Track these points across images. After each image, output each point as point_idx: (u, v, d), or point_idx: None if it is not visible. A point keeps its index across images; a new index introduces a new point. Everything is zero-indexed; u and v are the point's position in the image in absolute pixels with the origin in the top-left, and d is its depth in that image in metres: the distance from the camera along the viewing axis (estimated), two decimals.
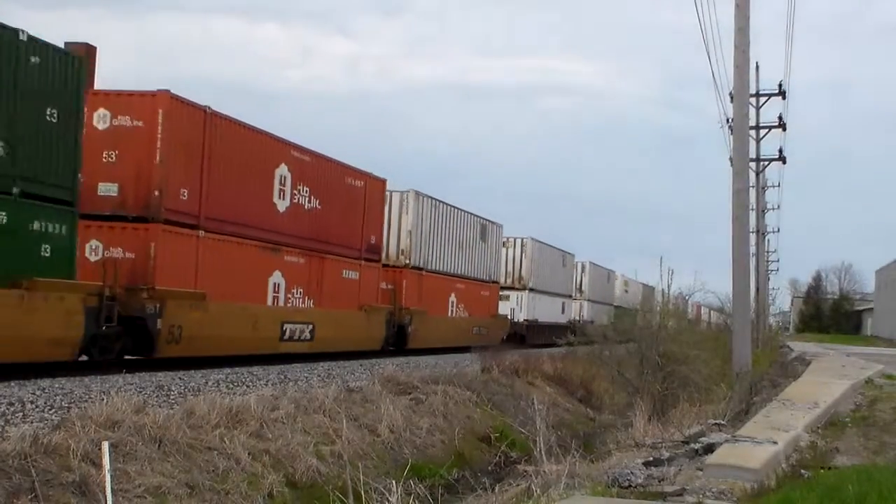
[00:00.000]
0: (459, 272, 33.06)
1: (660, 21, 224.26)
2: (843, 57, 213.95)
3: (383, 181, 27.04)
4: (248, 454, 11.55)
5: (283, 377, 18.17)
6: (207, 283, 18.68)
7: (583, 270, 52.04)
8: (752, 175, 37.43)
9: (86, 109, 16.25)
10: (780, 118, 39.76)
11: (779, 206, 55.82)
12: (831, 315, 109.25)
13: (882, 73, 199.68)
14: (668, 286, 25.71)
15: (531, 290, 41.95)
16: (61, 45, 15.62)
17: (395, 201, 28.69)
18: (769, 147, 42.29)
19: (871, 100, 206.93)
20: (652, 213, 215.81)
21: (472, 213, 34.52)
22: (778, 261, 73.95)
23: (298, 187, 22.15)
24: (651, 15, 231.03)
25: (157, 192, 17.49)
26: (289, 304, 22.10)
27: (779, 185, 52.76)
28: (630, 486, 8.73)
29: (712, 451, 9.55)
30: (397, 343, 27.98)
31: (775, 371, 22.64)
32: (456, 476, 14.94)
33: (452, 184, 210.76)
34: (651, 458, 10.20)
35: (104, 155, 17.25)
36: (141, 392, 13.60)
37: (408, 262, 28.97)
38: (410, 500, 9.41)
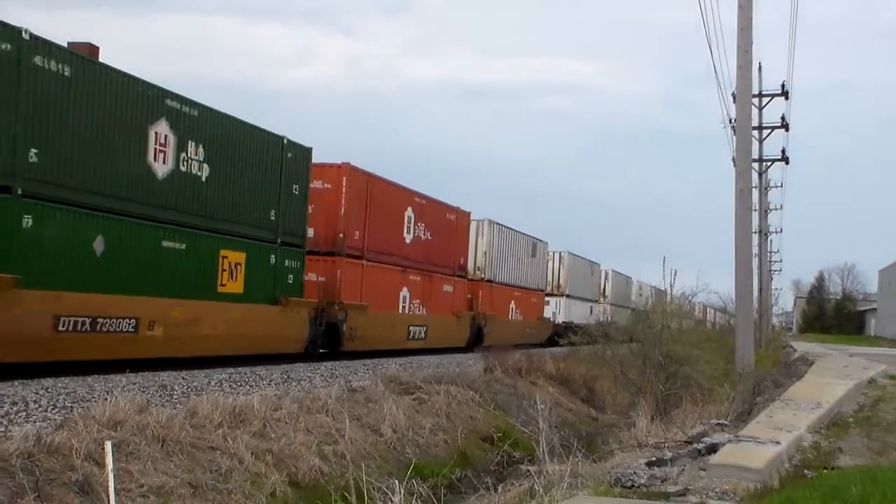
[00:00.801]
0: (516, 283, 39.59)
1: (662, 21, 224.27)
2: (846, 57, 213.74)
3: (468, 213, 33.91)
4: (251, 454, 11.55)
5: (286, 377, 18.18)
6: (368, 297, 25.34)
7: (606, 277, 57.19)
8: (755, 175, 37.44)
9: None
10: (783, 118, 39.77)
11: (781, 207, 55.99)
12: (834, 315, 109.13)
13: (886, 73, 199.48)
14: (671, 286, 25.76)
15: (567, 296, 47.95)
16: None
17: (472, 228, 35.03)
18: (772, 147, 42.37)
19: (875, 100, 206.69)
20: (652, 212, 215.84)
21: (526, 234, 40.77)
22: (781, 261, 74.20)
23: (418, 224, 29.12)
24: (653, 15, 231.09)
25: (341, 235, 24.23)
26: (411, 312, 28.75)
27: (781, 186, 52.74)
28: (633, 486, 8.73)
29: (715, 452, 9.55)
30: (476, 342, 32.64)
31: (778, 371, 22.63)
32: (459, 476, 14.93)
33: (453, 183, 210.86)
34: (654, 458, 10.20)
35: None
36: (144, 392, 13.61)
37: (482, 276, 35.75)
38: (413, 500, 9.40)
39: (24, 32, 13.97)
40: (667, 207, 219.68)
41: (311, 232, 23.08)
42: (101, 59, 16.18)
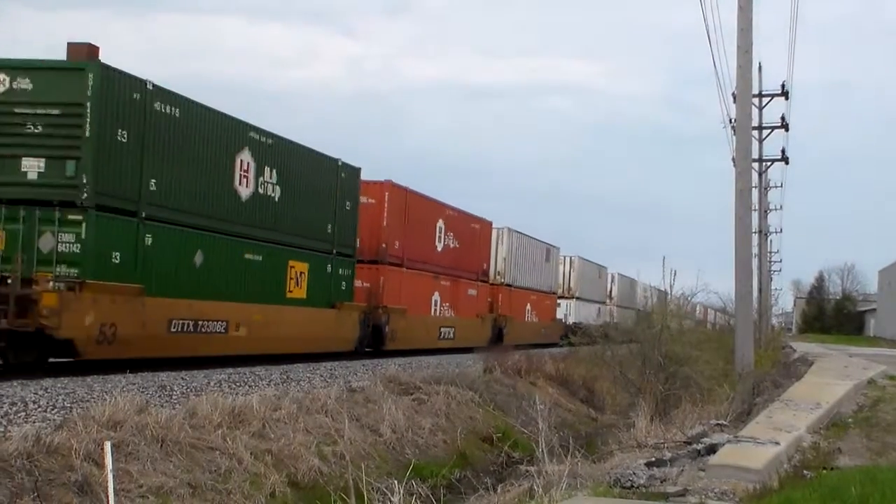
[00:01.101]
0: (532, 286, 42.30)
1: (663, 21, 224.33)
2: (846, 57, 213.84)
3: (490, 223, 36.85)
4: (251, 454, 11.55)
5: (285, 377, 18.18)
6: (406, 301, 28.25)
7: (612, 280, 59.68)
8: (755, 175, 37.43)
9: None
10: (783, 118, 39.74)
11: (781, 207, 55.91)
12: (834, 316, 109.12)
13: (886, 73, 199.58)
14: (671, 287, 25.73)
15: (577, 298, 50.50)
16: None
17: (493, 235, 37.58)
18: (772, 147, 42.31)
19: (875, 100, 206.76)
20: (652, 212, 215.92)
21: (540, 241, 43.57)
22: (780, 261, 74.16)
23: (448, 234, 32.03)
24: (654, 15, 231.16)
25: (384, 245, 27.33)
26: (442, 314, 31.80)
27: (781, 186, 52.66)
28: (632, 486, 8.72)
29: (714, 452, 9.54)
30: (497, 341, 35.16)
31: (778, 371, 22.60)
32: (458, 476, 14.94)
33: (453, 182, 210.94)
34: (653, 459, 10.19)
35: None
36: (143, 392, 13.60)
37: (502, 280, 38.35)
38: (413, 501, 9.40)
39: (148, 83, 17.08)
40: (667, 207, 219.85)
41: (356, 242, 25.81)
42: (101, 59, 16.23)
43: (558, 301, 47.49)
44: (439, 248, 31.45)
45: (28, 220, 15.81)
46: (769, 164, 42.03)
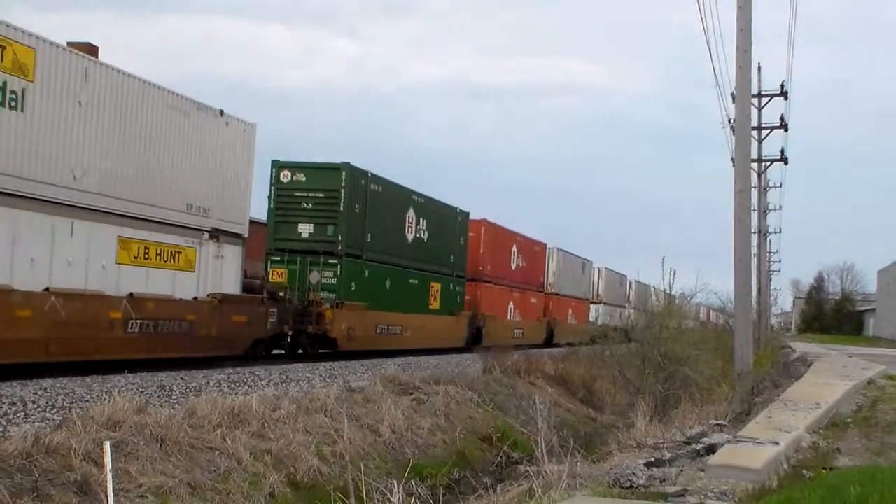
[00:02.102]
0: (572, 294, 51.12)
1: (663, 21, 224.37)
2: (846, 57, 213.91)
3: (545, 244, 45.89)
4: (250, 454, 11.55)
5: (284, 377, 18.18)
6: (494, 309, 36.99)
7: (630, 286, 65.20)
8: (754, 176, 37.42)
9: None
10: (782, 119, 39.73)
11: (780, 207, 55.95)
12: (833, 316, 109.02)
13: (885, 73, 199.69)
14: (670, 286, 25.80)
15: (604, 303, 57.35)
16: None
17: (546, 254, 46.37)
18: (771, 147, 42.34)
19: (874, 100, 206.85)
20: (653, 212, 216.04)
21: (579, 256, 52.38)
22: (780, 261, 74.29)
23: (519, 256, 40.83)
24: (654, 15, 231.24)
25: (480, 267, 35.82)
26: (514, 318, 40.18)
27: (780, 186, 52.75)
28: (631, 486, 8.72)
29: (714, 452, 9.55)
30: (549, 339, 44.11)
31: (777, 371, 22.62)
32: (457, 476, 14.94)
33: (454, 181, 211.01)
34: (652, 459, 10.20)
35: None
36: (143, 392, 13.61)
37: (552, 290, 47.07)
38: (412, 501, 9.41)
39: (368, 173, 25.93)
40: (667, 207, 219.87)
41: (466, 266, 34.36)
42: (101, 59, 16.28)
43: (590, 306, 55.43)
44: (513, 268, 40.30)
45: (302, 263, 24.51)
46: (768, 164, 42.05)
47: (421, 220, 29.69)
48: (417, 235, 29.54)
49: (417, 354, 28.04)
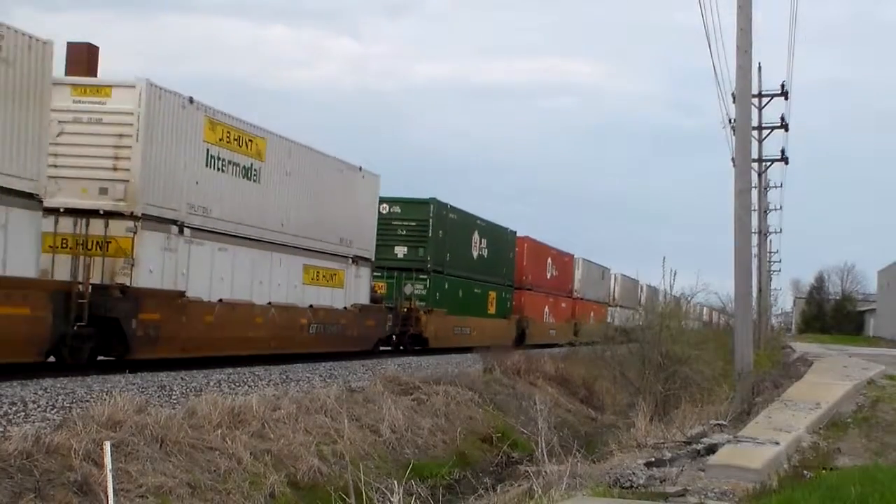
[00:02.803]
0: (594, 298, 57.17)
1: (664, 21, 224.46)
2: (845, 57, 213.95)
3: (573, 255, 52.23)
4: (250, 454, 11.55)
5: (284, 377, 18.19)
6: (533, 313, 43.68)
7: (642, 290, 68.31)
8: (755, 176, 37.40)
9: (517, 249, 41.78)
10: (783, 119, 39.68)
11: (781, 207, 55.77)
12: (833, 316, 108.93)
13: (885, 73, 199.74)
14: (671, 286, 25.79)
15: (620, 306, 62.19)
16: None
17: (573, 263, 52.71)
18: (771, 147, 42.27)
19: (874, 100, 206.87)
20: (653, 212, 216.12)
21: (599, 265, 59.27)
22: (780, 261, 74.09)
23: (552, 266, 47.73)
24: (655, 15, 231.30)
25: (523, 277, 42.21)
26: (549, 321, 46.60)
27: (781, 186, 52.60)
28: (632, 486, 8.73)
29: (714, 452, 9.55)
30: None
31: (777, 371, 22.60)
32: (457, 476, 14.93)
33: (455, 181, 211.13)
34: (653, 459, 10.20)
35: None
36: (143, 392, 13.61)
37: (578, 295, 53.21)
38: (412, 501, 9.40)
39: (448, 205, 32.60)
40: (667, 207, 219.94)
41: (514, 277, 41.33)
42: (101, 59, 16.43)
43: (608, 308, 60.25)
44: (548, 277, 47.14)
45: (398, 278, 30.83)
46: (769, 164, 42.00)
47: (482, 240, 36.78)
48: (480, 253, 36.69)
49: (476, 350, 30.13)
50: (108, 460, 8.40)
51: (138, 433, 10.47)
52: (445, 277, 32.67)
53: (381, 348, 28.95)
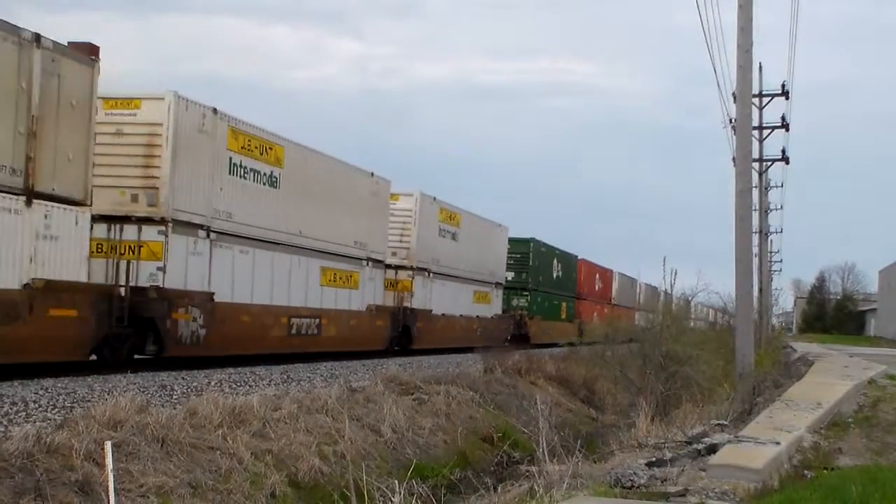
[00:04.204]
0: (625, 304, 64.80)
1: (666, 21, 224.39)
2: (847, 57, 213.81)
3: (612, 270, 63.32)
4: (251, 454, 11.55)
5: (285, 377, 18.19)
6: (588, 317, 51.43)
7: (661, 296, 71.47)
8: (755, 175, 37.40)
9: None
10: (784, 118, 39.70)
11: (782, 207, 55.75)
12: (834, 315, 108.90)
13: (886, 73, 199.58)
14: (671, 286, 25.83)
15: (642, 310, 69.45)
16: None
17: (612, 276, 63.23)
18: (772, 147, 42.28)
19: (875, 100, 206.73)
20: (654, 212, 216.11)
21: (628, 276, 67.27)
22: (781, 261, 74.08)
23: (598, 280, 58.88)
24: (657, 15, 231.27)
25: (581, 290, 54.40)
26: (596, 323, 49.56)
27: (782, 186, 52.58)
28: (633, 486, 8.72)
29: (715, 452, 9.54)
30: None
31: (778, 371, 22.58)
32: (458, 476, 14.92)
33: (455, 181, 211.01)
34: (654, 459, 10.19)
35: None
36: (144, 392, 13.62)
37: (615, 302, 62.95)
38: (413, 501, 9.40)
39: (535, 238, 45.60)
40: (668, 207, 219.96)
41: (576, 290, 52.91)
42: (101, 60, 16.38)
43: (635, 312, 66.55)
44: (596, 289, 58.47)
45: (508, 294, 41.92)
46: (769, 164, 42.02)
47: (559, 264, 49.07)
48: (558, 274, 48.88)
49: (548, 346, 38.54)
50: (109, 460, 8.40)
51: (139, 433, 10.47)
52: (538, 293, 45.34)
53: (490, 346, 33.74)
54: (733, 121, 23.10)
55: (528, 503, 9.37)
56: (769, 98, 38.53)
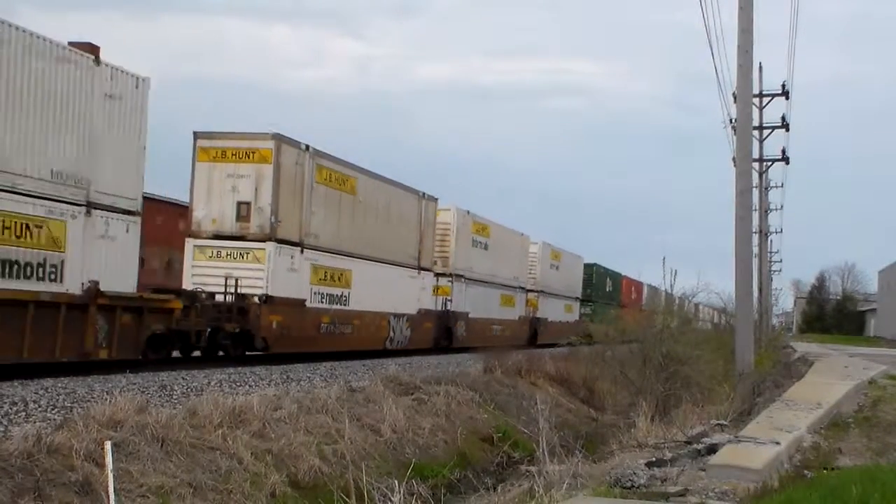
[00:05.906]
0: (650, 309, 71.23)
1: (668, 21, 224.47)
2: (846, 57, 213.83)
3: (642, 282, 68.31)
4: (251, 454, 11.55)
5: (285, 377, 18.19)
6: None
7: (675, 301, 77.07)
8: (756, 175, 37.41)
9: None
10: (784, 118, 39.74)
11: (782, 207, 55.84)
12: (834, 315, 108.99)
13: (887, 73, 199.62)
14: (671, 286, 25.81)
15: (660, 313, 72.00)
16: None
17: (642, 286, 70.54)
18: (772, 147, 42.31)
19: (875, 100, 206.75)
20: (654, 212, 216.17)
21: (652, 285, 70.38)
22: (781, 261, 74.27)
23: (633, 291, 67.28)
24: (659, 15, 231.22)
25: (624, 299, 65.69)
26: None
27: (782, 186, 52.64)
28: (633, 486, 8.72)
29: (715, 452, 9.54)
30: None
31: (778, 371, 22.57)
32: (458, 476, 14.93)
33: (456, 182, 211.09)
34: (654, 459, 10.19)
35: None
36: (144, 392, 13.61)
37: (644, 308, 63.96)
38: (413, 501, 9.40)
39: (598, 264, 59.84)
40: (669, 207, 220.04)
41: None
42: (103, 59, 16.35)
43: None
44: (632, 297, 65.64)
45: (581, 304, 54.81)
46: (770, 164, 42.06)
47: (610, 282, 60.37)
48: (609, 289, 59.32)
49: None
50: (109, 460, 8.41)
51: (139, 433, 10.47)
52: (597, 304, 55.87)
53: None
54: (734, 121, 23.12)
55: (528, 503, 9.37)
56: (769, 98, 38.58)
